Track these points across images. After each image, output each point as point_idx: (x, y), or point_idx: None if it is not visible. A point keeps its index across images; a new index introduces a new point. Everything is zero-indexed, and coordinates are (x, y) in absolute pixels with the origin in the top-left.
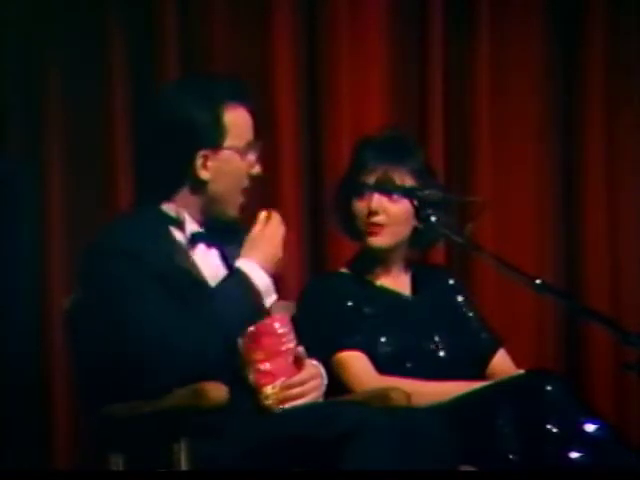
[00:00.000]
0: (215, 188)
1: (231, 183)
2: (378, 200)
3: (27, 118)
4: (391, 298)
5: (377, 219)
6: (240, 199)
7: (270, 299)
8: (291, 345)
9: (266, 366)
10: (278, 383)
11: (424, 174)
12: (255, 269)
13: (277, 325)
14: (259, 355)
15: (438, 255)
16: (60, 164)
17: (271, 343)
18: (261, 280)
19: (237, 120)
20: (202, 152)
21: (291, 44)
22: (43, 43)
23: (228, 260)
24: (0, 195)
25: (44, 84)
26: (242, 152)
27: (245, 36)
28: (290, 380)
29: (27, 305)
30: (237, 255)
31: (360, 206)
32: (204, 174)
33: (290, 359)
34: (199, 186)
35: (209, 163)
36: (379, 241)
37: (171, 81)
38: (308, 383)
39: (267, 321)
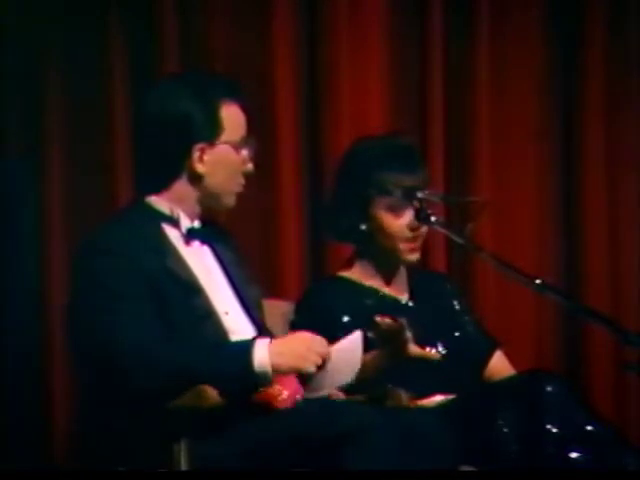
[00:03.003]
0: (211, 182)
1: (226, 177)
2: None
3: (27, 118)
4: (390, 303)
5: (422, 232)
6: (236, 190)
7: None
8: None
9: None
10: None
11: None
12: (265, 362)
13: None
14: None
15: (439, 257)
16: (60, 164)
17: None
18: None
19: (232, 116)
20: (199, 145)
21: (291, 44)
22: (43, 43)
23: (222, 261)
24: (0, 195)
25: (44, 84)
26: (237, 147)
27: (245, 36)
28: None
29: (27, 305)
30: (229, 258)
31: (398, 221)
32: (200, 167)
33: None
34: (195, 179)
35: (205, 157)
36: (418, 255)
37: (167, 76)
38: None
39: None
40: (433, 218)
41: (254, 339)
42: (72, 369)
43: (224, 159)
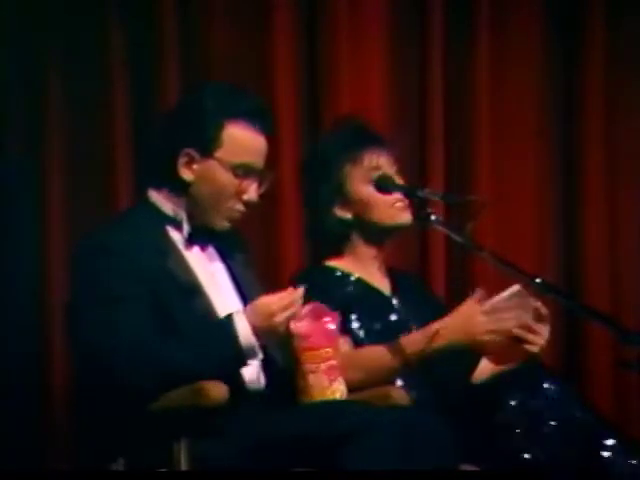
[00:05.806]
0: (197, 192)
1: (213, 193)
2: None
3: (27, 118)
4: (376, 296)
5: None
6: (226, 214)
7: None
8: None
9: (333, 362)
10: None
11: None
12: (247, 330)
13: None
14: (329, 353)
15: (439, 257)
16: (60, 164)
17: (336, 340)
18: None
19: (238, 138)
20: (187, 150)
21: (291, 44)
22: (43, 43)
23: (228, 262)
24: (0, 195)
25: (44, 84)
26: (232, 170)
27: (245, 36)
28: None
29: (27, 305)
30: (237, 258)
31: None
32: (186, 173)
33: None
34: (182, 185)
35: (194, 165)
36: (409, 216)
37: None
38: None
39: (326, 321)
40: (433, 217)
41: (230, 317)
42: (72, 369)
43: (211, 174)
